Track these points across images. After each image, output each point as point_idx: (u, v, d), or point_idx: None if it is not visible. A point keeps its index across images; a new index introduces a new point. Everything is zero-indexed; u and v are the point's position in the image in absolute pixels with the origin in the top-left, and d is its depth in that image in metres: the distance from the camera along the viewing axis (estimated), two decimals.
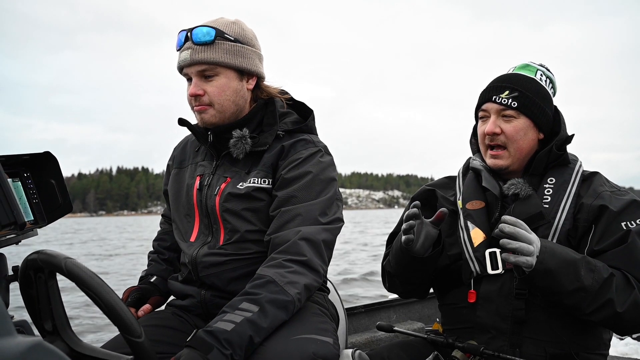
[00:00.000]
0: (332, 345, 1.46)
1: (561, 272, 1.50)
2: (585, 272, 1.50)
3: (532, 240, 1.50)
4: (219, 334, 1.34)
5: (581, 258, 1.52)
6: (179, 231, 1.84)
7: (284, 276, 1.48)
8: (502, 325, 1.64)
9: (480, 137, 1.78)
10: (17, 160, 1.40)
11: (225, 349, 1.31)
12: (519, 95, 1.69)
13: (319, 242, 1.58)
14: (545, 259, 1.50)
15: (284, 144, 1.72)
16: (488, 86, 1.77)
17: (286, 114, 1.82)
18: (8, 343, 0.60)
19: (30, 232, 1.39)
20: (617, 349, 3.35)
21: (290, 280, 1.48)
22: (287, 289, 1.46)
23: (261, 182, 1.68)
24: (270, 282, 1.46)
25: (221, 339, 1.32)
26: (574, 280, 1.50)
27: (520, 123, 1.69)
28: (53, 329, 1.19)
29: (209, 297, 1.70)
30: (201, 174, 1.79)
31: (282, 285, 1.46)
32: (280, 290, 1.45)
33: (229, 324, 1.37)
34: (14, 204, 1.23)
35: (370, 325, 3.11)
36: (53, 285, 1.17)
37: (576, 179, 1.68)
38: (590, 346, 1.63)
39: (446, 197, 1.89)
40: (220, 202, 1.69)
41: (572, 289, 1.50)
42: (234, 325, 1.36)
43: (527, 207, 1.65)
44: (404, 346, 1.77)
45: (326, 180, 1.69)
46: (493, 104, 1.72)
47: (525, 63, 1.80)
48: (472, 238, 1.71)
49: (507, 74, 1.78)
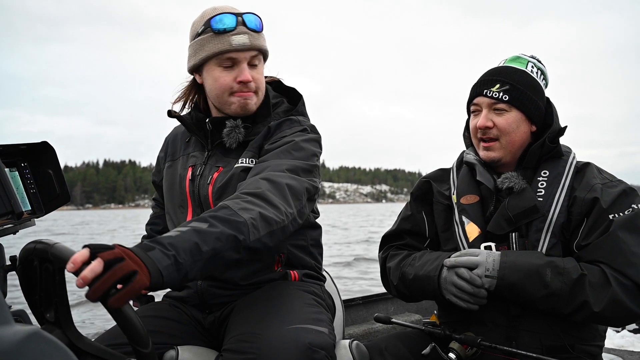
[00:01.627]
0: (327, 335, 1.45)
1: (526, 283, 1.54)
2: (553, 277, 1.52)
3: (478, 265, 1.58)
4: (162, 239, 1.22)
5: (546, 263, 1.54)
6: (172, 222, 1.84)
7: (238, 204, 1.39)
8: (498, 319, 1.65)
9: (472, 130, 1.78)
10: (14, 150, 1.39)
11: (167, 250, 1.18)
12: (510, 89, 1.69)
13: (282, 184, 1.50)
14: (506, 274, 1.56)
15: (269, 125, 1.74)
16: (479, 80, 1.77)
17: (277, 104, 1.83)
18: (6, 332, 0.60)
19: (27, 222, 1.38)
20: (614, 341, 3.39)
21: (243, 207, 1.38)
22: (240, 213, 1.36)
23: (248, 161, 1.69)
24: (223, 207, 1.37)
25: (165, 243, 1.19)
26: (541, 288, 1.53)
27: (512, 116, 1.69)
28: (55, 320, 1.18)
29: (206, 287, 1.70)
30: (193, 165, 1.79)
31: (235, 210, 1.36)
32: (232, 214, 1.35)
33: (174, 232, 1.26)
34: (11, 193, 1.22)
35: (368, 316, 3.12)
36: (61, 279, 1.16)
37: (570, 171, 1.69)
38: (586, 338, 1.65)
39: (441, 192, 1.89)
40: (214, 191, 1.70)
41: (541, 296, 1.53)
42: (179, 233, 1.25)
43: (521, 201, 1.66)
44: (401, 338, 1.77)
45: (305, 149, 1.66)
46: (484, 97, 1.72)
47: (516, 55, 1.80)
48: (467, 233, 1.72)
49: (498, 67, 1.77)
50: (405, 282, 1.79)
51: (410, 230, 1.94)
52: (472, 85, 1.79)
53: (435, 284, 1.67)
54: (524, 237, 1.66)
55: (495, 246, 1.66)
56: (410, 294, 1.82)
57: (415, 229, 1.93)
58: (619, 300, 1.49)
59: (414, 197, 1.96)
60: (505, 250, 1.64)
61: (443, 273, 1.66)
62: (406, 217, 1.96)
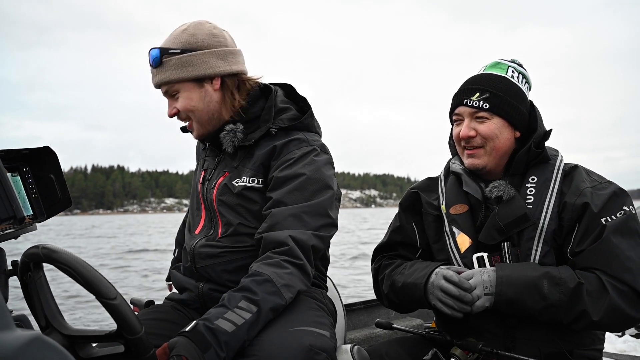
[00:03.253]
0: (328, 339, 1.46)
1: (524, 297, 1.52)
2: (550, 288, 1.51)
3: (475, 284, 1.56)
4: (219, 334, 1.34)
5: (542, 274, 1.53)
6: (189, 224, 1.89)
7: (282, 277, 1.49)
8: (495, 330, 1.64)
9: (455, 140, 1.77)
10: (16, 155, 1.40)
11: (221, 351, 1.33)
12: (490, 96, 1.67)
13: (309, 248, 1.57)
14: (503, 290, 1.54)
15: (275, 144, 1.69)
16: (459, 89, 1.75)
17: (284, 110, 1.78)
18: (7, 337, 0.60)
19: (29, 227, 1.38)
20: (616, 346, 3.36)
21: (286, 283, 1.49)
22: (283, 292, 1.47)
23: (250, 181, 1.69)
24: (267, 281, 1.47)
25: (221, 341, 1.33)
26: (540, 300, 1.51)
27: (494, 123, 1.67)
28: (47, 324, 1.20)
29: (207, 291, 1.71)
30: (206, 169, 1.84)
31: (278, 286, 1.47)
32: (276, 292, 1.46)
33: (230, 324, 1.37)
34: (13, 198, 1.23)
35: (369, 321, 3.11)
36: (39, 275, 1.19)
37: (557, 175, 1.66)
38: (585, 343, 1.63)
39: (430, 202, 1.87)
40: (217, 195, 1.73)
41: (540, 308, 1.52)
42: (235, 328, 1.37)
43: (511, 210, 1.64)
44: (402, 343, 1.77)
45: (320, 180, 1.65)
46: (465, 107, 1.70)
47: (496, 61, 1.77)
48: (459, 244, 1.70)
49: (478, 75, 1.75)
50: (394, 290, 1.79)
51: (401, 241, 1.93)
52: (453, 95, 1.77)
53: (421, 291, 1.66)
54: (516, 246, 1.64)
55: (488, 256, 1.65)
56: (400, 302, 1.82)
57: (407, 240, 1.92)
58: (617, 307, 1.48)
59: (403, 208, 1.95)
60: (499, 263, 1.63)
61: (431, 278, 1.65)
62: (396, 229, 1.94)
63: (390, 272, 1.84)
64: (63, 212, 1.47)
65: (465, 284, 1.58)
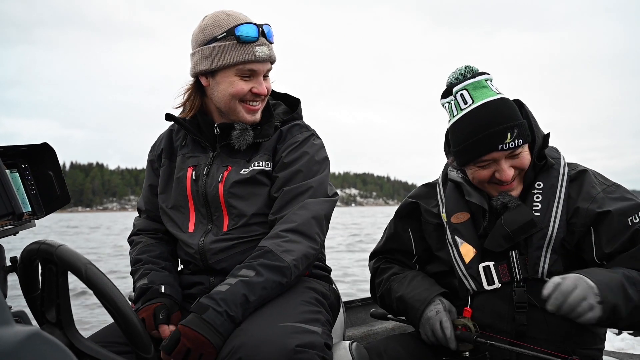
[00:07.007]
0: (319, 335, 1.46)
1: (619, 301, 1.41)
2: (631, 289, 1.43)
3: (586, 295, 1.38)
4: (215, 295, 1.47)
5: (621, 275, 1.45)
6: (173, 223, 1.84)
7: (280, 245, 1.57)
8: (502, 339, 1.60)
9: (482, 181, 1.68)
10: (15, 151, 1.40)
11: (219, 307, 1.43)
12: (517, 131, 1.60)
13: (321, 216, 1.68)
14: (607, 295, 1.40)
15: (281, 129, 1.83)
16: (483, 134, 1.60)
17: (275, 105, 1.92)
18: (6, 332, 0.60)
19: (27, 223, 1.38)
20: (614, 344, 3.37)
21: (286, 249, 1.57)
22: (283, 257, 1.55)
23: (264, 164, 1.77)
24: (267, 252, 1.56)
25: (217, 299, 1.45)
26: (627, 302, 1.43)
27: (525, 151, 1.65)
28: (57, 321, 1.19)
29: (218, 283, 1.70)
30: (195, 165, 1.81)
31: (278, 254, 1.55)
32: (276, 258, 1.54)
33: (225, 285, 1.50)
34: (12, 194, 1.23)
35: (367, 318, 3.11)
36: (64, 281, 1.19)
37: (563, 182, 1.65)
38: (587, 342, 1.63)
39: (429, 210, 1.85)
40: (225, 189, 1.73)
41: (629, 311, 1.43)
42: (229, 286, 1.48)
43: (517, 216, 1.62)
44: (400, 340, 1.77)
45: (321, 160, 1.81)
46: (501, 152, 1.60)
47: (475, 82, 1.65)
48: (463, 255, 1.69)
49: (487, 111, 1.61)
50: (390, 295, 1.80)
51: (397, 249, 1.94)
52: (473, 142, 1.62)
53: (417, 319, 1.68)
54: (524, 254, 1.62)
55: (494, 265, 1.63)
56: (392, 308, 1.84)
57: (402, 247, 1.92)
58: None
59: (400, 216, 1.93)
60: (577, 271, 1.49)
61: (429, 310, 1.65)
62: (391, 236, 1.95)
63: (388, 277, 1.85)
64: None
65: (448, 334, 1.58)
